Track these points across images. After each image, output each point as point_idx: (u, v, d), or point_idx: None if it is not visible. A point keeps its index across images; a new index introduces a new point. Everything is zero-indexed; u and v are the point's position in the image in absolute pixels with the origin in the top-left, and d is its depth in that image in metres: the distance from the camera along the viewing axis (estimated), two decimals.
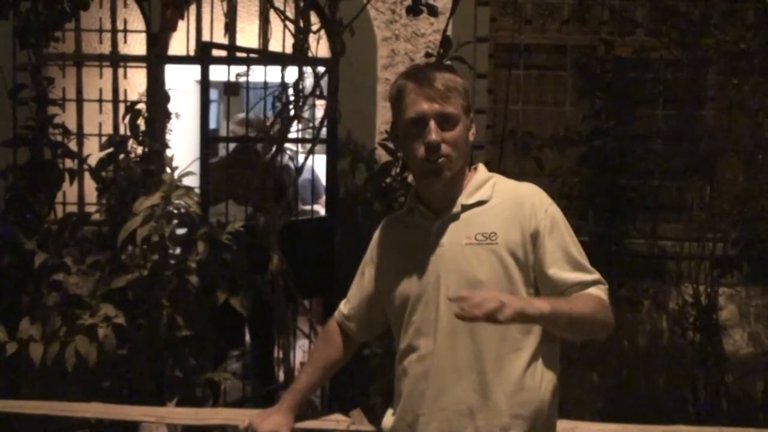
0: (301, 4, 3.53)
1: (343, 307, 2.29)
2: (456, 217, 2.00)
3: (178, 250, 3.02)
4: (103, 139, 3.68)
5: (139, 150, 3.38)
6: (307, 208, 4.55)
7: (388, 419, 2.14)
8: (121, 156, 3.21)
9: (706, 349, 4.07)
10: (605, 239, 4.09)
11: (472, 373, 1.94)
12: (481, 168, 2.09)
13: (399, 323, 2.08)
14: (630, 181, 4.11)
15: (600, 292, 1.97)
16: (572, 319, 1.88)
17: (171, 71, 4.96)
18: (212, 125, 8.08)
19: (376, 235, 2.22)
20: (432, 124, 1.92)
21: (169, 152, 3.61)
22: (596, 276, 1.99)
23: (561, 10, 4.65)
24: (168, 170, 2.92)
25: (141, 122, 3.39)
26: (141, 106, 3.50)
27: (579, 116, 4.30)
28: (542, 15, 4.63)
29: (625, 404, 4.41)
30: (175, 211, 2.86)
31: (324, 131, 4.00)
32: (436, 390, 1.98)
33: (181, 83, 5.14)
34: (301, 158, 4.01)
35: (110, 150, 3.28)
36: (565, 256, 1.96)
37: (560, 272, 1.95)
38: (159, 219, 2.72)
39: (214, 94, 8.38)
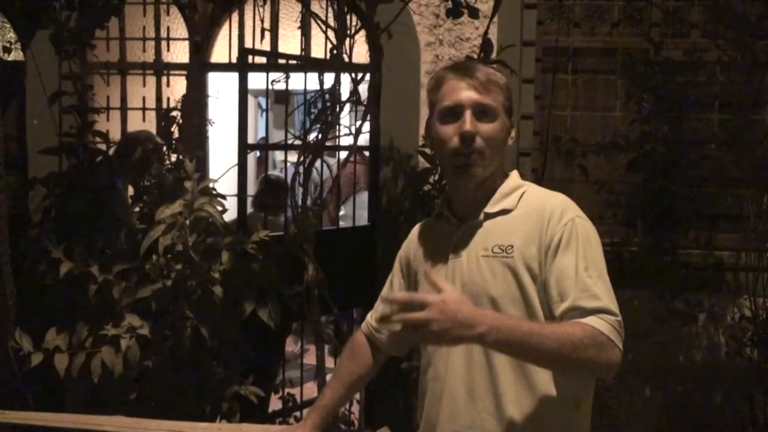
0: (335, 7, 3.45)
1: (371, 318, 2.18)
2: (478, 226, 1.88)
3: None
4: None
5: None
6: None
7: None
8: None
9: (765, 367, 3.87)
10: (656, 250, 3.91)
11: (488, 395, 1.81)
12: (514, 175, 1.95)
13: None
14: (682, 188, 3.93)
15: (599, 323, 1.68)
16: (534, 349, 1.63)
17: (219, 79, 4.96)
18: (263, 134, 8.08)
19: (405, 242, 2.11)
20: (468, 113, 1.81)
21: (211, 159, 3.58)
22: (601, 304, 1.71)
23: (611, 12, 4.49)
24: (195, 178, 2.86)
25: (175, 130, 3.35)
26: (177, 113, 3.46)
27: (629, 121, 4.14)
28: (591, 17, 4.48)
29: (680, 422, 4.24)
30: (200, 220, 2.80)
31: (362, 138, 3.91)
32: (450, 412, 1.86)
33: (229, 91, 5.14)
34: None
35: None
36: (573, 276, 1.74)
37: (563, 294, 1.74)
38: (182, 228, 2.67)
39: (264, 102, 8.37)
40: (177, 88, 4.66)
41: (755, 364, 3.91)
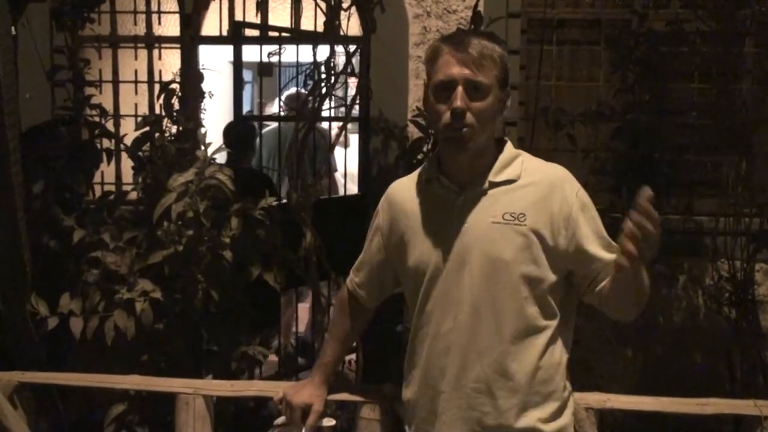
0: None
1: (354, 274, 2.28)
2: (483, 193, 1.98)
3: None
4: (139, 119, 3.73)
5: (174, 129, 3.42)
6: None
7: (406, 392, 2.13)
8: (156, 135, 3.24)
9: (742, 325, 4.04)
10: None
11: (493, 352, 1.95)
12: (509, 143, 2.06)
13: (415, 294, 2.05)
14: (664, 155, 4.06)
15: None
16: (645, 286, 1.90)
17: (206, 52, 5.01)
18: (246, 107, 8.09)
19: (382, 201, 2.18)
20: (460, 89, 1.88)
21: (202, 131, 3.65)
22: None
23: None
24: (202, 147, 2.96)
25: (175, 101, 3.42)
26: (175, 85, 3.53)
27: (613, 91, 4.25)
28: None
29: (660, 381, 4.38)
30: (210, 187, 2.89)
31: (356, 109, 4.00)
32: (457, 368, 1.98)
33: (216, 64, 5.19)
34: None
35: (145, 129, 3.32)
36: (599, 238, 1.98)
37: (599, 251, 1.96)
38: (193, 195, 2.77)
39: (248, 75, 8.36)
40: (168, 60, 4.72)
41: (733, 323, 4.07)
